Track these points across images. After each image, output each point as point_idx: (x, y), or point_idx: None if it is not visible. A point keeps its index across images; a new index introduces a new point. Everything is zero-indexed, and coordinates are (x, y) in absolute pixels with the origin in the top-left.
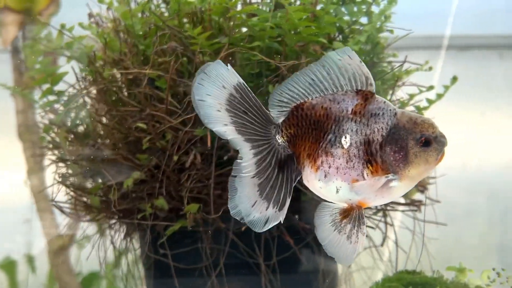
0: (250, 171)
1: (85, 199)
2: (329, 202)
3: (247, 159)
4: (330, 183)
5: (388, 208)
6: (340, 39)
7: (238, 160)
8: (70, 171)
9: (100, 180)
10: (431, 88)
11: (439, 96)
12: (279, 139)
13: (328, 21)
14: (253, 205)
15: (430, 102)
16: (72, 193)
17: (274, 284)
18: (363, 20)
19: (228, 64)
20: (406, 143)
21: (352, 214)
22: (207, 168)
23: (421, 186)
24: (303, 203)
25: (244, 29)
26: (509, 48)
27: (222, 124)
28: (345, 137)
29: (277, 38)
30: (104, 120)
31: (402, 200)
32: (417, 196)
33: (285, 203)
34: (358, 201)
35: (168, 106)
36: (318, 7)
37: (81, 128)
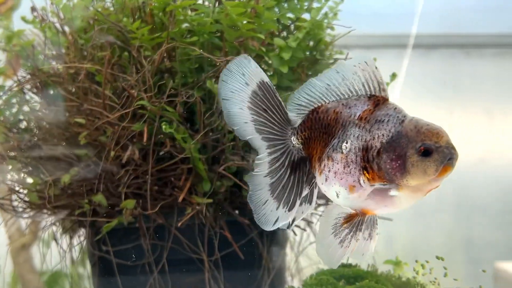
0: (262, 170)
1: (23, 195)
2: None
3: (262, 158)
4: (330, 188)
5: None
6: (285, 35)
7: (256, 161)
8: (9, 167)
9: (41, 176)
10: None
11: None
12: (294, 141)
13: (268, 18)
14: (264, 204)
15: None
16: (13, 189)
17: (219, 280)
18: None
19: (252, 60)
20: (404, 152)
21: (354, 220)
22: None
23: None
24: (243, 198)
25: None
26: (475, 47)
27: (242, 122)
28: (346, 142)
29: (217, 34)
30: (43, 114)
31: None
32: None
33: (294, 204)
34: (361, 208)
35: (106, 101)
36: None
37: (21, 124)
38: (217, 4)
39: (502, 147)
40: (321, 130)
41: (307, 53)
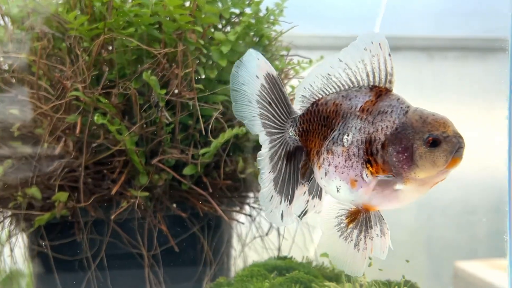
0: (265, 166)
1: None
2: (337, 202)
3: (262, 154)
4: (330, 182)
5: None
6: (229, 29)
7: (258, 157)
8: None
9: None
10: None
11: None
12: (291, 133)
13: (209, 11)
14: (270, 200)
15: None
16: None
17: (159, 274)
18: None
19: (261, 53)
20: (411, 143)
21: (359, 218)
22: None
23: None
24: (183, 193)
25: None
26: (438, 50)
27: (251, 116)
28: (348, 135)
29: (156, 26)
30: None
31: None
32: None
33: (293, 195)
34: (363, 203)
35: (40, 92)
36: None
37: None
38: None
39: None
40: (320, 122)
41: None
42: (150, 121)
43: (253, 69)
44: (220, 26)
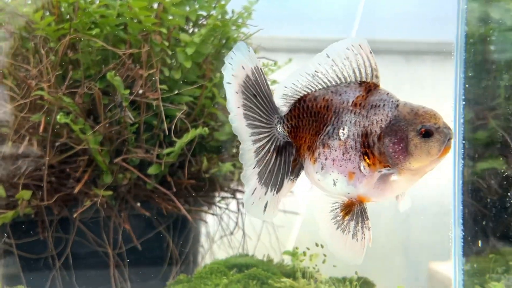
0: (249, 162)
1: None
2: (329, 196)
3: (245, 148)
4: (327, 176)
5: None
6: (195, 31)
7: (240, 151)
8: None
9: None
10: (274, 82)
11: None
12: (280, 129)
13: (175, 13)
14: (252, 193)
15: None
16: None
17: (124, 273)
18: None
19: (250, 47)
20: (406, 134)
21: (353, 210)
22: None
23: None
24: (148, 192)
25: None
26: (415, 54)
27: (235, 107)
28: (343, 129)
29: (122, 27)
30: None
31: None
32: None
33: (282, 184)
34: (358, 195)
35: (6, 91)
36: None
37: None
38: None
39: None
40: (310, 118)
41: (221, 50)
42: (115, 120)
43: (239, 60)
44: (187, 27)
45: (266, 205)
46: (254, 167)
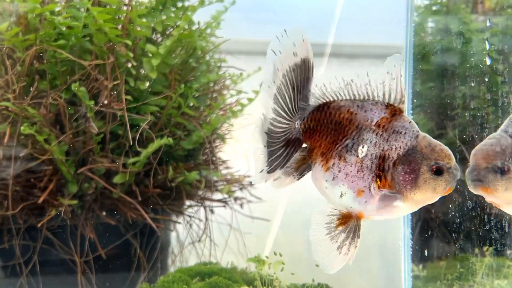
0: (262, 139)
1: None
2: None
3: (260, 129)
4: (336, 187)
5: (208, 204)
6: (164, 42)
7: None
8: None
9: None
10: (255, 92)
11: (250, 100)
12: (297, 125)
13: (140, 24)
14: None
15: (242, 105)
16: None
17: (92, 280)
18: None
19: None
20: (419, 167)
21: (349, 224)
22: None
23: (241, 184)
24: (114, 201)
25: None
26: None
27: (271, 81)
28: (363, 147)
29: (88, 38)
30: None
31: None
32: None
33: (275, 170)
34: (359, 211)
35: None
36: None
37: None
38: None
39: None
40: (330, 126)
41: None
42: (81, 131)
43: (293, 46)
44: (156, 37)
45: (261, 172)
46: (265, 146)
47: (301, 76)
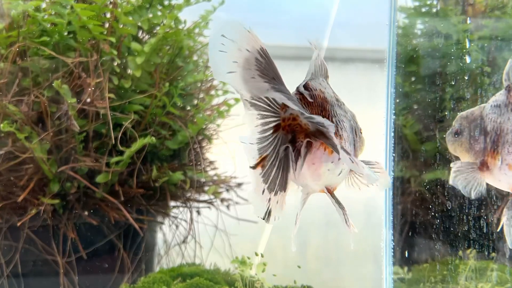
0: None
1: None
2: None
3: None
4: (339, 165)
5: (194, 205)
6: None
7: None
8: None
9: None
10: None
11: (237, 100)
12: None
13: (126, 22)
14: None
15: (229, 106)
16: None
17: (74, 281)
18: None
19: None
20: None
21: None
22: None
23: (228, 186)
24: (97, 200)
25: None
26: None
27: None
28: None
29: (71, 35)
30: None
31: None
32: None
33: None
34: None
35: None
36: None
37: None
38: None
39: None
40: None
41: (176, 59)
42: (63, 129)
43: (240, 42)
44: (142, 36)
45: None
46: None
47: (270, 66)
